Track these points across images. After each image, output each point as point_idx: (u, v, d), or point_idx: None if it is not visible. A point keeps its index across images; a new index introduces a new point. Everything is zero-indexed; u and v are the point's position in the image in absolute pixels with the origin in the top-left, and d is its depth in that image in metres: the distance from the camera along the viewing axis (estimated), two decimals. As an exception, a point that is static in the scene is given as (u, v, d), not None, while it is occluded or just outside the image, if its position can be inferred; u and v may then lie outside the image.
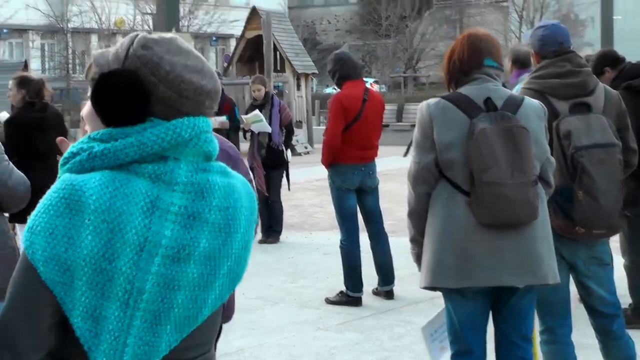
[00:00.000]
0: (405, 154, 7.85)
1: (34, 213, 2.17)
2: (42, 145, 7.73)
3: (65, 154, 2.22)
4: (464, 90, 4.55)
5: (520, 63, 8.17)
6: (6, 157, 4.43)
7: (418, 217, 4.64)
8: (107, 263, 2.10)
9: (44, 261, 2.11)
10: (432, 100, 4.61)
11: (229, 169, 2.34)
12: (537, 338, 5.44)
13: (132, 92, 2.17)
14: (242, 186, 2.34)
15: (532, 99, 4.65)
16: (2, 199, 4.34)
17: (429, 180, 4.54)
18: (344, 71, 8.52)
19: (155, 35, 2.30)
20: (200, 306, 2.22)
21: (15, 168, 4.45)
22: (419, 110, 4.62)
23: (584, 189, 4.93)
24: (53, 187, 2.17)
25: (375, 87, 46.22)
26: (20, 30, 47.93)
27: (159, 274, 2.14)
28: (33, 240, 2.13)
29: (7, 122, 8.73)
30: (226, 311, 4.22)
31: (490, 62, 4.60)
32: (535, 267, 4.48)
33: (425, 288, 4.64)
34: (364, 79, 10.03)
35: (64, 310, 2.13)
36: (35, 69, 41.42)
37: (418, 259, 4.70)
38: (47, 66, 47.44)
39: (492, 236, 4.42)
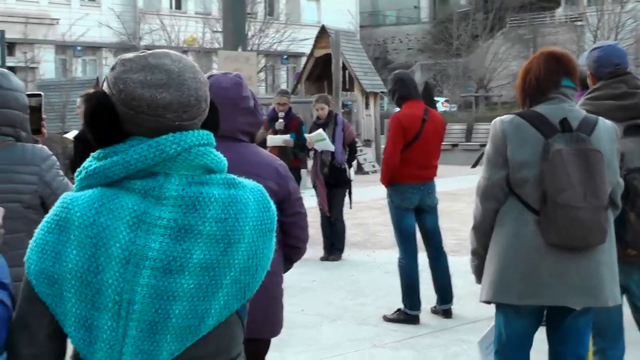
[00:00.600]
0: (474, 166, 7.86)
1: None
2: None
3: (76, 172, 2.38)
4: (540, 108, 4.55)
5: (583, 83, 8.16)
6: (62, 172, 4.55)
7: (483, 232, 4.67)
8: (93, 276, 2.22)
9: (35, 275, 2.27)
10: (506, 117, 4.61)
11: (239, 180, 2.39)
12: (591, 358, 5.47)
13: (98, 112, 2.31)
14: (252, 196, 2.38)
15: (606, 121, 4.64)
16: None
17: (498, 197, 4.57)
18: (404, 91, 8.62)
19: (131, 54, 2.38)
20: (201, 316, 2.27)
21: (71, 183, 4.57)
22: (492, 126, 4.63)
23: (636, 211, 4.95)
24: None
25: (446, 107, 46.19)
26: (94, 48, 48.79)
27: (149, 285, 2.22)
28: (29, 255, 2.30)
29: (76, 139, 8.94)
30: (271, 325, 4.33)
31: (568, 83, 4.61)
32: (597, 290, 4.50)
33: (486, 302, 4.70)
34: (435, 98, 10.07)
35: (57, 320, 2.27)
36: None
37: (477, 271, 4.75)
38: (119, 83, 48.14)
39: (559, 257, 4.45)
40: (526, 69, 4.68)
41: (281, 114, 12.49)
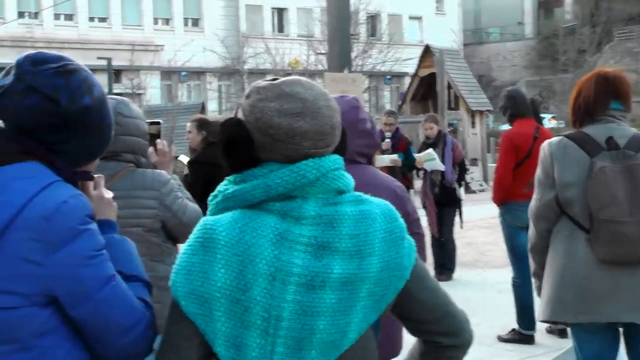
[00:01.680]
0: (527, 189, 7.88)
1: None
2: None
3: (210, 196, 2.44)
4: (587, 129, 4.65)
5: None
6: (180, 194, 4.63)
7: (539, 252, 4.78)
8: (241, 293, 2.28)
9: (184, 296, 2.32)
10: (554, 139, 4.74)
11: (365, 197, 2.45)
12: None
13: (234, 139, 2.37)
14: (379, 210, 2.43)
15: None
16: (179, 234, 4.58)
17: (549, 217, 4.68)
18: (515, 109, 8.60)
19: (264, 82, 2.43)
20: (343, 330, 2.32)
21: (190, 202, 4.67)
22: (542, 148, 4.78)
23: None
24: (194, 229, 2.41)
25: (553, 123, 45.65)
26: (198, 73, 49.59)
27: (296, 301, 2.28)
28: (175, 278, 2.35)
29: (192, 163, 9.07)
30: (391, 345, 4.37)
31: (617, 106, 4.69)
32: None
33: (544, 321, 4.76)
34: (541, 114, 9.98)
35: (207, 340, 2.32)
36: (212, 110, 42.75)
37: (539, 290, 4.84)
38: (223, 107, 48.79)
39: (611, 273, 4.50)
40: (577, 91, 4.77)
41: (388, 134, 12.53)
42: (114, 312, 2.39)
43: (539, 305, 4.77)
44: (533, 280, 4.92)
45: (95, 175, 2.63)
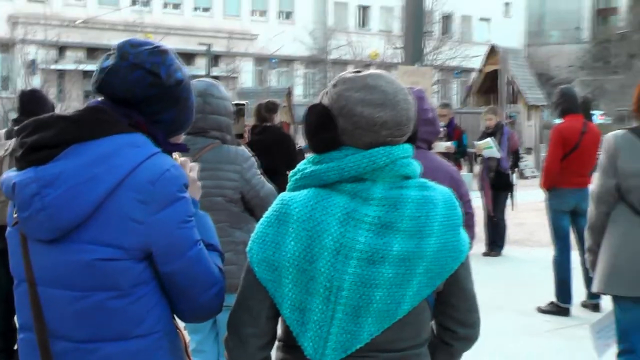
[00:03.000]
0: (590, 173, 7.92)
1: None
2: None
3: (291, 173, 2.47)
4: None
5: None
6: (259, 171, 4.67)
7: (597, 231, 4.82)
8: (308, 264, 2.31)
9: (257, 263, 2.38)
10: (619, 132, 4.77)
11: (430, 184, 2.43)
12: None
13: (321, 123, 2.38)
14: (441, 197, 2.40)
15: None
16: (255, 208, 4.62)
17: (609, 202, 4.72)
18: (566, 105, 8.55)
19: (349, 74, 2.42)
20: (398, 302, 2.32)
21: (266, 181, 4.73)
22: (606, 140, 4.79)
23: None
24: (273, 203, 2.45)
25: (602, 119, 44.96)
26: (288, 60, 49.73)
27: (356, 274, 2.30)
28: (251, 245, 2.41)
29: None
30: None
31: None
32: None
33: (599, 293, 4.82)
34: (592, 111, 9.90)
35: (275, 303, 2.39)
36: (297, 95, 42.86)
37: (592, 265, 4.88)
38: (308, 92, 48.91)
39: None
40: (639, 90, 4.78)
41: (441, 124, 12.48)
42: (200, 271, 2.44)
43: (595, 278, 4.81)
44: (587, 255, 4.94)
45: (182, 159, 2.65)
